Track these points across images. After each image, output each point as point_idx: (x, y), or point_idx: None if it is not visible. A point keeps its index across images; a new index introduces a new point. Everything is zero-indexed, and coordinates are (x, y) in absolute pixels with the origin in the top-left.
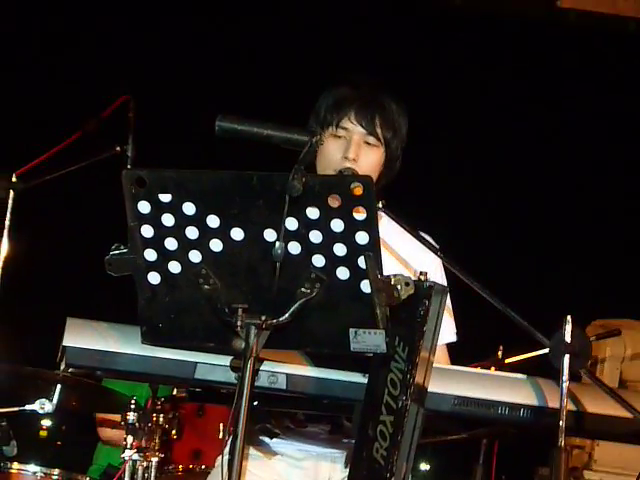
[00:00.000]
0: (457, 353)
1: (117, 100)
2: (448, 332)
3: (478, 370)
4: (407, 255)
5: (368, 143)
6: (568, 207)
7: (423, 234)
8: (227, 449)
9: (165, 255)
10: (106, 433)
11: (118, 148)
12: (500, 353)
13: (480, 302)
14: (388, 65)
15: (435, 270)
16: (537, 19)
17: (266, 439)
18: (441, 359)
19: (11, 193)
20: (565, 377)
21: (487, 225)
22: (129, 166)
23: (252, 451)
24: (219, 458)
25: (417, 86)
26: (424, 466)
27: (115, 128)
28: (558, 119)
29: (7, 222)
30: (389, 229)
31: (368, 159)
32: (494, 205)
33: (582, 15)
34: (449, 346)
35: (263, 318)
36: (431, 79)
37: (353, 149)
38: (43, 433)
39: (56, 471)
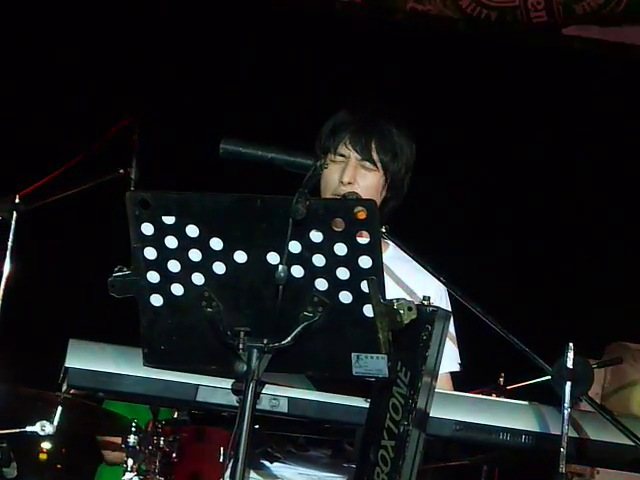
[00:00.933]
0: (458, 379)
1: (121, 122)
2: (452, 361)
3: (480, 396)
4: (410, 281)
5: (365, 167)
6: (572, 230)
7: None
8: (228, 472)
9: (168, 277)
10: (110, 456)
11: (121, 170)
12: (502, 380)
13: (482, 329)
14: (394, 89)
15: (440, 297)
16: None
17: (267, 463)
18: (445, 388)
19: (14, 214)
20: (567, 404)
21: (490, 252)
22: (132, 188)
23: (253, 475)
24: None
25: (422, 109)
26: None
27: (118, 150)
28: (569, 145)
29: (10, 243)
30: (392, 254)
31: (365, 182)
32: (497, 231)
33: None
34: (453, 375)
35: (265, 341)
36: (433, 103)
37: (348, 173)
38: (43, 456)
39: None
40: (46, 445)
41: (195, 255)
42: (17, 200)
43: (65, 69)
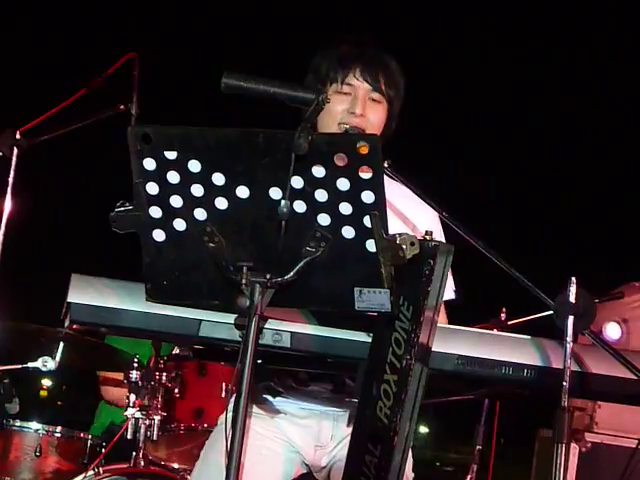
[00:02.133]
0: (460, 315)
1: (122, 58)
2: (447, 289)
3: (482, 330)
4: (412, 215)
5: (373, 99)
6: (573, 168)
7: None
8: (230, 406)
9: (170, 212)
10: (109, 392)
11: (122, 106)
12: (503, 315)
13: (482, 265)
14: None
15: (439, 230)
16: None
17: (269, 397)
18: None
19: (15, 150)
20: (569, 338)
21: (491, 186)
22: (133, 124)
23: (255, 409)
24: (222, 416)
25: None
26: (424, 429)
27: (119, 86)
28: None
29: (11, 179)
30: (394, 189)
31: (375, 115)
32: (498, 166)
33: None
34: (447, 304)
35: (268, 276)
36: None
37: (360, 104)
38: (43, 393)
39: (58, 429)
40: (47, 382)
41: (197, 190)
42: (18, 136)
43: (66, 5)
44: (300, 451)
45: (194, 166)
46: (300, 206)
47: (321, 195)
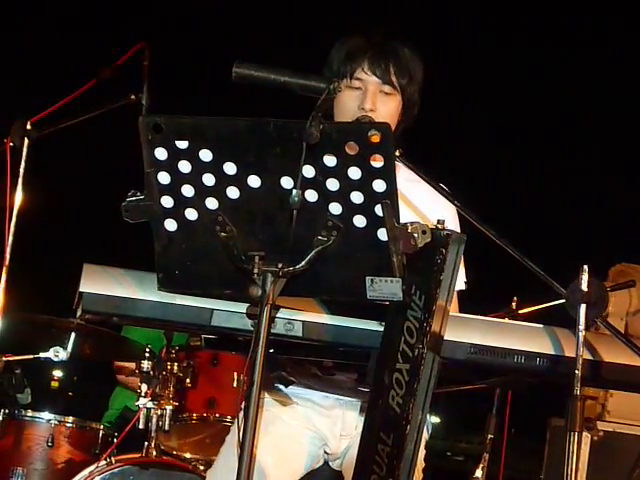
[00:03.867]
0: (471, 304)
1: (132, 48)
2: (458, 280)
3: (494, 319)
4: (423, 204)
5: (384, 92)
6: (583, 154)
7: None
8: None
9: (182, 202)
10: (124, 380)
11: (133, 96)
12: (514, 304)
13: (493, 253)
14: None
15: (450, 219)
16: None
17: (281, 386)
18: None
19: (26, 141)
20: (582, 326)
21: (503, 175)
22: (144, 114)
23: (268, 398)
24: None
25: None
26: (434, 419)
27: (130, 76)
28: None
29: (22, 170)
30: (406, 178)
31: (386, 108)
32: (512, 156)
33: None
34: (459, 294)
35: (280, 265)
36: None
37: (370, 99)
38: (55, 384)
39: (70, 419)
40: (58, 373)
41: (209, 180)
42: (29, 126)
43: None
44: (326, 441)
45: (205, 155)
46: (311, 195)
47: (332, 184)
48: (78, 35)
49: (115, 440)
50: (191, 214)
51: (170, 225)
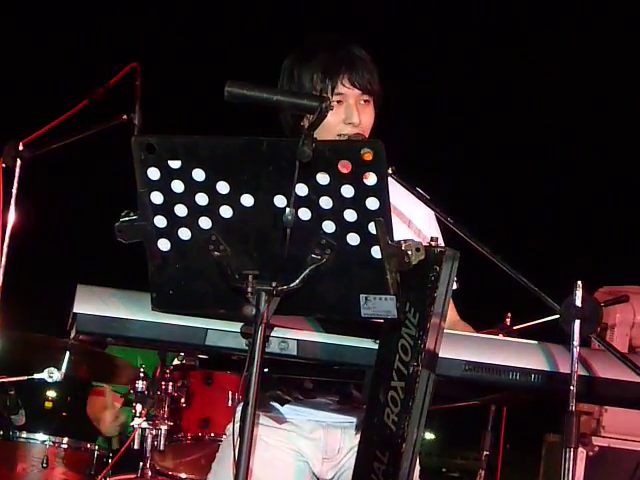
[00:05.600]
0: (465, 321)
1: (124, 68)
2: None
3: (489, 336)
4: (416, 220)
5: (363, 101)
6: (574, 174)
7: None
8: (238, 416)
9: (175, 221)
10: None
11: (125, 116)
12: (508, 320)
13: (486, 270)
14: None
15: (429, 224)
16: None
17: (277, 405)
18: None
19: (18, 162)
20: (576, 342)
21: (495, 193)
22: (136, 134)
23: (264, 420)
24: (230, 426)
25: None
26: (429, 435)
27: (122, 96)
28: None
29: (14, 191)
30: (399, 195)
31: (367, 117)
32: (503, 171)
33: None
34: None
35: (274, 284)
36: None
37: (356, 114)
38: (48, 404)
39: (64, 440)
40: (52, 393)
41: (202, 199)
42: (21, 147)
43: (68, 15)
44: (309, 462)
45: (198, 175)
46: (305, 213)
47: (326, 202)
48: (70, 55)
49: (110, 461)
50: (184, 234)
51: (163, 245)
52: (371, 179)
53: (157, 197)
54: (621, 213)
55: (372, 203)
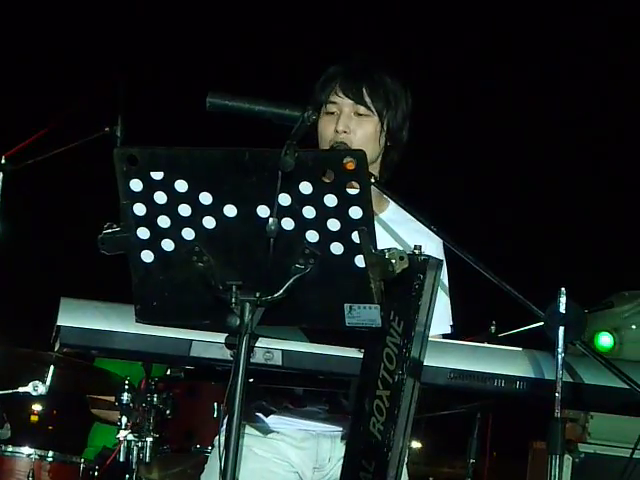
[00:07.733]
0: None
1: (106, 81)
2: (444, 323)
3: (474, 343)
4: (410, 242)
5: (359, 113)
6: (565, 184)
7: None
8: (223, 427)
9: (158, 233)
10: (101, 414)
11: (107, 129)
12: (493, 328)
13: (470, 278)
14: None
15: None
16: None
17: (262, 416)
18: None
19: (0, 175)
20: (560, 349)
21: (482, 200)
22: (118, 146)
23: (252, 431)
24: (217, 438)
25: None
26: (415, 444)
27: (104, 109)
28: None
29: None
30: (392, 218)
31: (362, 130)
32: (490, 179)
33: None
34: (444, 337)
35: (258, 294)
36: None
37: (342, 121)
38: (34, 418)
39: (50, 453)
40: (37, 407)
41: (185, 210)
42: (3, 160)
43: (51, 28)
44: (299, 472)
45: (181, 186)
46: (288, 223)
47: (309, 212)
48: (51, 68)
49: (97, 474)
50: (168, 245)
51: (147, 257)
52: (354, 188)
53: (140, 209)
54: (607, 219)
55: (355, 212)
